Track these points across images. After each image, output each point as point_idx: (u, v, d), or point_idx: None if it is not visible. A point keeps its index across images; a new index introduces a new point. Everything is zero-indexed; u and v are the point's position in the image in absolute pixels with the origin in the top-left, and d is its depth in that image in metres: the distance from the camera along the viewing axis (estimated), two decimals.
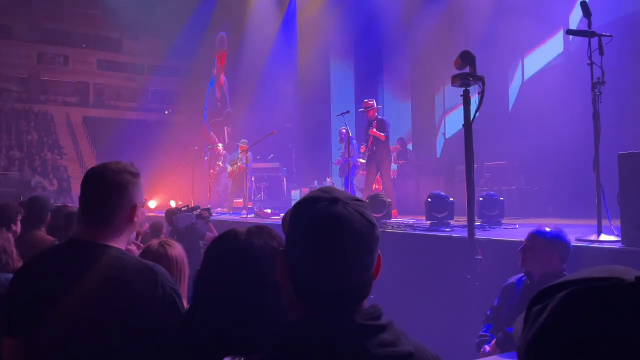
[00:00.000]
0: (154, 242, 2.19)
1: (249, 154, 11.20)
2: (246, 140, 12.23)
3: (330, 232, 0.94)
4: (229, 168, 11.66)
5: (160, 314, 1.47)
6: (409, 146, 11.47)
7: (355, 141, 9.26)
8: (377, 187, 9.12)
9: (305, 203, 0.99)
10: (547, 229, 2.74)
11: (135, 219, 1.63)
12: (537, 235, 2.73)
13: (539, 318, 0.59)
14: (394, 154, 10.14)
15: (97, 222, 1.58)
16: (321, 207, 0.96)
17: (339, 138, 9.50)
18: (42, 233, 3.48)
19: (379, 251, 1.01)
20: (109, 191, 1.57)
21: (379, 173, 8.34)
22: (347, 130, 8.54)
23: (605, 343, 0.53)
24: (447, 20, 11.80)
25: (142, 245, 2.75)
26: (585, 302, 0.56)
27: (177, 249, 2.15)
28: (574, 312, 0.57)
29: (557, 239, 2.68)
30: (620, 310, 0.54)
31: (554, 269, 2.64)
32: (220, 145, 12.00)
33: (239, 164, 11.24)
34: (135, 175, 1.63)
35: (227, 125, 16.94)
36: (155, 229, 5.42)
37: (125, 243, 1.65)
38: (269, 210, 9.63)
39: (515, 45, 10.34)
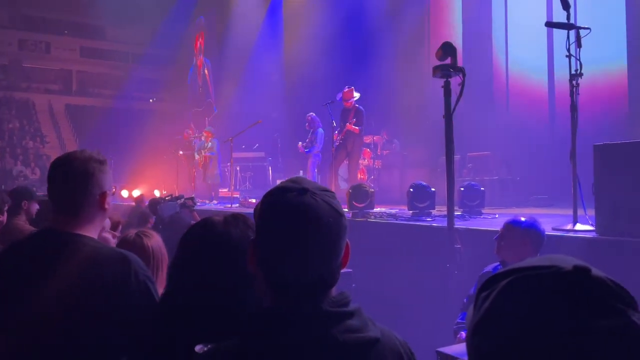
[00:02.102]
0: (131, 232, 2.20)
1: (214, 141, 11.14)
2: (211, 128, 12.15)
3: (298, 221, 0.96)
4: (196, 157, 11.59)
5: (134, 303, 1.47)
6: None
7: (321, 129, 9.30)
8: (362, 177, 9.17)
9: (275, 193, 1.02)
10: (522, 219, 2.80)
11: (107, 207, 1.63)
12: (512, 225, 2.79)
13: (485, 303, 0.63)
14: (378, 144, 10.19)
15: (67, 211, 1.57)
16: (290, 197, 0.98)
17: (306, 124, 9.51)
18: (21, 222, 3.46)
19: (348, 240, 1.04)
20: (77, 179, 1.57)
21: (346, 160, 8.41)
22: (312, 118, 8.61)
23: (542, 328, 0.56)
24: (433, 9, 11.82)
25: (117, 234, 2.75)
26: (525, 289, 0.60)
27: (154, 239, 2.16)
28: (514, 297, 0.60)
29: (531, 228, 2.74)
30: (556, 296, 0.57)
31: (528, 257, 2.70)
32: (204, 134, 11.90)
33: (203, 153, 11.19)
34: (102, 162, 1.63)
35: (208, 116, 16.81)
36: (142, 219, 5.41)
37: (97, 231, 1.65)
38: (254, 200, 9.63)
39: (501, 35, 10.41)
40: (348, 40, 13.89)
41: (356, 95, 8.38)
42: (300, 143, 9.48)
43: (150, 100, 27.17)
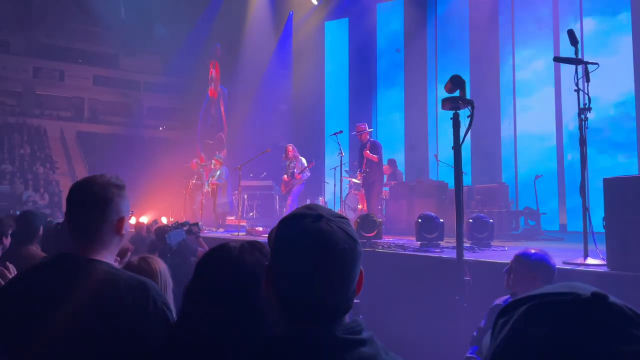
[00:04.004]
0: (134, 259, 2.20)
1: (223, 169, 11.23)
2: (221, 155, 12.26)
3: (313, 248, 0.97)
4: (206, 186, 11.65)
5: (152, 329, 1.46)
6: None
7: (303, 158, 9.52)
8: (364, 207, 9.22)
9: (290, 219, 1.03)
10: (532, 251, 2.78)
11: (123, 232, 1.63)
12: (522, 257, 2.77)
13: (503, 330, 0.63)
14: (386, 176, 10.23)
15: (84, 236, 1.57)
16: (305, 223, 0.99)
17: (284, 155, 9.65)
18: (33, 248, 3.47)
19: (362, 267, 1.05)
20: (95, 204, 1.57)
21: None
22: (293, 148, 9.05)
23: (562, 354, 0.57)
24: (443, 42, 12.00)
25: (124, 261, 2.75)
26: (544, 315, 0.60)
27: (159, 263, 2.16)
28: (533, 324, 0.60)
29: (540, 262, 2.72)
30: (575, 322, 0.58)
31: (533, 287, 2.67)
32: (214, 162, 11.97)
33: (211, 180, 11.25)
34: (121, 187, 1.63)
35: (219, 150, 16.93)
36: (151, 247, 5.40)
37: (113, 256, 1.64)
38: (261, 228, 9.62)
39: (508, 69, 10.53)
40: (357, 70, 14.12)
41: (367, 128, 8.55)
42: (285, 175, 9.59)
43: (160, 129, 27.52)
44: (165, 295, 1.59)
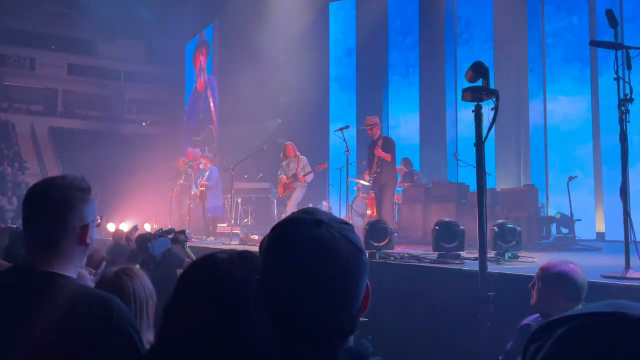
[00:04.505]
0: (110, 271, 2.18)
1: (213, 169, 11.23)
2: (210, 154, 12.26)
3: (311, 257, 0.95)
4: (194, 189, 11.65)
5: (115, 355, 1.44)
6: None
7: (304, 158, 9.62)
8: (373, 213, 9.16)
9: (285, 226, 1.01)
10: (556, 263, 2.74)
11: (88, 241, 1.60)
12: (543, 270, 2.75)
13: (537, 357, 0.60)
14: (399, 176, 10.19)
15: (42, 246, 1.54)
16: (302, 230, 0.97)
17: (282, 154, 9.76)
18: None
19: (368, 281, 1.02)
20: (55, 210, 1.55)
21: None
22: (293, 146, 9.37)
23: None
24: (462, 24, 11.99)
25: (98, 272, 2.73)
26: (586, 340, 0.57)
27: (137, 279, 2.14)
28: (574, 350, 0.57)
29: (562, 275, 2.66)
30: (624, 348, 0.55)
31: (565, 308, 2.63)
32: (202, 161, 11.98)
33: (200, 181, 11.25)
34: (85, 190, 1.61)
35: (209, 145, 16.96)
36: (131, 257, 5.39)
37: (76, 269, 1.62)
38: (256, 237, 9.61)
39: (537, 52, 10.50)
40: (364, 58, 14.11)
41: (379, 122, 8.52)
42: (284, 177, 9.57)
43: (143, 124, 27.61)
44: (132, 317, 1.56)
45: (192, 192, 11.73)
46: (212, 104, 18.46)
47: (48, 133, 26.22)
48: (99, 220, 1.73)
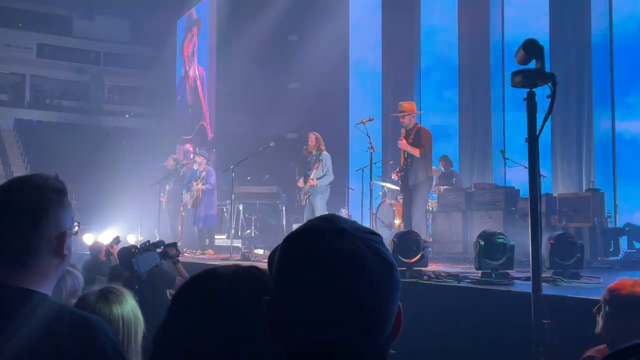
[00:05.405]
0: (92, 291, 2.21)
1: (209, 170, 11.22)
2: (204, 152, 12.25)
3: (332, 274, 0.95)
4: (185, 194, 11.63)
5: None
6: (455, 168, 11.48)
7: (328, 155, 9.51)
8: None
9: (300, 236, 1.01)
10: (627, 284, 2.72)
11: (65, 252, 1.62)
12: (612, 292, 2.73)
13: None
14: (435, 178, 10.15)
15: (12, 260, 1.56)
16: (322, 241, 0.98)
17: (306, 146, 9.69)
18: None
19: (400, 303, 1.03)
20: (26, 216, 1.56)
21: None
22: (317, 137, 9.24)
23: None
24: None
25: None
26: None
27: (123, 299, 2.16)
28: None
29: (636, 298, 2.65)
30: None
31: (637, 338, 2.61)
32: (197, 160, 12.05)
33: (195, 186, 11.22)
34: (61, 192, 1.62)
35: (200, 145, 17.00)
36: (113, 275, 5.44)
37: (52, 285, 1.64)
38: (261, 251, 9.66)
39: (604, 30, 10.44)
40: (391, 33, 14.10)
41: (416, 110, 8.34)
42: (302, 178, 9.48)
43: (127, 116, 27.84)
44: (116, 338, 1.59)
45: (184, 197, 11.75)
46: (202, 97, 18.43)
47: (14, 126, 26.51)
48: (76, 228, 1.74)
